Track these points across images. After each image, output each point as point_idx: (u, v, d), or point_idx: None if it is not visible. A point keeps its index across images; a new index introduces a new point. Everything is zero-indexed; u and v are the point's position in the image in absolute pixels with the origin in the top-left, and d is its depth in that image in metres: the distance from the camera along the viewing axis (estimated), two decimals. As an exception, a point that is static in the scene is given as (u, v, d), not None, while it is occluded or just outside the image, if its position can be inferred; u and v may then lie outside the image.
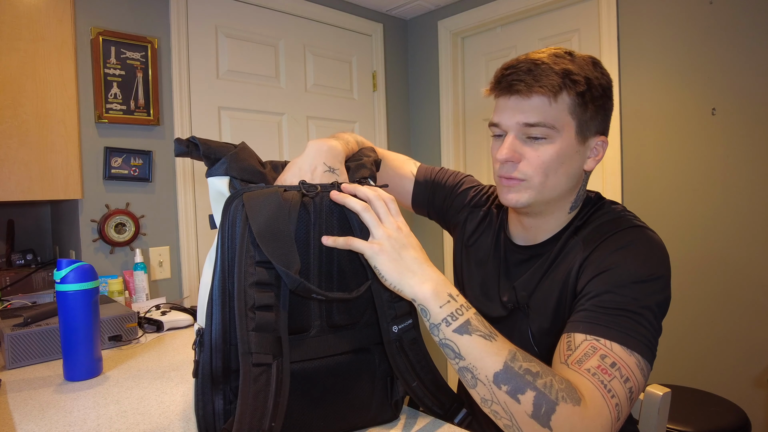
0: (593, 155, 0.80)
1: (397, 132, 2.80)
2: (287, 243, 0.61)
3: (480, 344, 0.60)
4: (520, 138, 0.77)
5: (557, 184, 0.78)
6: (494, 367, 0.59)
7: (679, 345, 1.93)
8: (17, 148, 1.51)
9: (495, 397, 0.59)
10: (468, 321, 0.61)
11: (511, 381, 0.58)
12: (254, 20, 2.22)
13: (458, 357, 0.60)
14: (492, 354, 0.59)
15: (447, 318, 0.61)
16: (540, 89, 0.73)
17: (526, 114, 0.75)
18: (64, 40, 1.60)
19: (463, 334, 0.60)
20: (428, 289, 0.62)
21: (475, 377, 0.60)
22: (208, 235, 2.06)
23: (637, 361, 0.64)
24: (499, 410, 0.59)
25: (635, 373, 0.64)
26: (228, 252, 0.60)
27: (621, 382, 0.62)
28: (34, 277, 1.79)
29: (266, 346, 0.58)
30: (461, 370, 0.61)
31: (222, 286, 0.60)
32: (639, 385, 0.64)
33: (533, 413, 0.57)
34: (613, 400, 0.60)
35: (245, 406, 0.56)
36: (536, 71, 0.74)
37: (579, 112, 0.76)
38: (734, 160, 1.77)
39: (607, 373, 0.62)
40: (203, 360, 0.60)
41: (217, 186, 0.65)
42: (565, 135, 0.76)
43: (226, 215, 0.61)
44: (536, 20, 2.36)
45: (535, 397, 0.57)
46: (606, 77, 0.79)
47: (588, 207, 0.84)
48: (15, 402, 0.82)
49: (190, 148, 0.65)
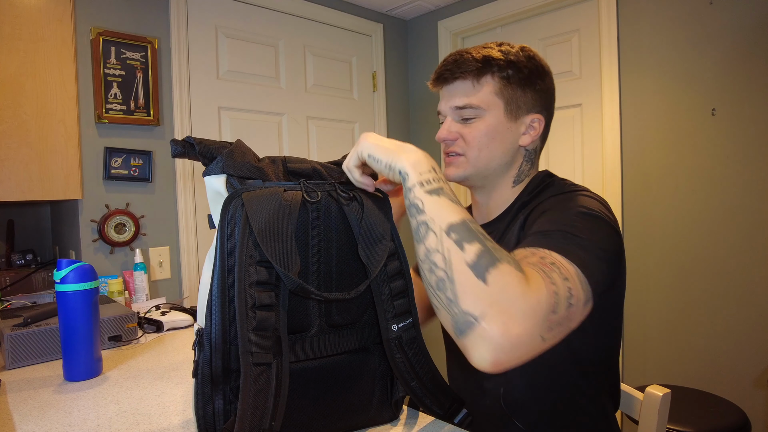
0: (528, 131, 0.88)
1: (397, 132, 2.80)
2: (288, 243, 0.60)
3: (445, 203, 0.60)
4: (457, 120, 0.88)
5: (491, 157, 0.87)
6: (451, 220, 0.58)
7: (679, 345, 1.93)
8: (17, 148, 1.51)
9: (441, 245, 0.56)
10: (441, 188, 0.61)
11: (462, 232, 0.57)
12: (254, 20, 2.22)
13: (420, 212, 0.60)
14: (454, 212, 0.59)
15: (423, 182, 0.61)
16: (461, 75, 0.86)
17: (455, 98, 0.87)
18: (64, 40, 1.60)
19: (432, 195, 0.60)
20: (415, 158, 0.64)
21: (429, 228, 0.58)
22: (208, 235, 2.06)
23: (577, 272, 0.62)
24: (438, 260, 0.56)
25: (575, 279, 0.61)
26: (227, 251, 0.60)
27: (561, 278, 0.59)
28: (34, 277, 1.79)
29: (266, 345, 0.58)
30: (419, 225, 0.60)
31: (221, 285, 0.60)
32: (578, 296, 0.60)
33: (473, 263, 0.54)
34: (552, 287, 0.57)
35: (246, 406, 0.56)
36: (459, 60, 0.86)
37: (506, 92, 0.85)
38: (734, 160, 1.77)
39: (547, 267, 0.60)
40: (203, 360, 0.60)
41: (214, 185, 0.65)
42: (493, 113, 0.85)
43: (225, 214, 0.60)
44: (536, 20, 2.36)
45: (480, 250, 0.55)
46: (534, 61, 0.87)
47: (535, 183, 0.89)
48: (15, 402, 0.82)
49: (187, 148, 0.64)
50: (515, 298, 0.53)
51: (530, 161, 0.91)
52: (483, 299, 0.52)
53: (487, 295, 0.52)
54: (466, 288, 0.53)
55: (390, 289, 0.68)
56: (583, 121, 2.21)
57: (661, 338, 1.98)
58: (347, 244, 0.67)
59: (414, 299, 0.71)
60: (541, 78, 0.88)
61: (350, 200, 0.68)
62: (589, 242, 0.67)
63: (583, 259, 0.64)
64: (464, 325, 0.53)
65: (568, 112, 2.26)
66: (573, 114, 2.25)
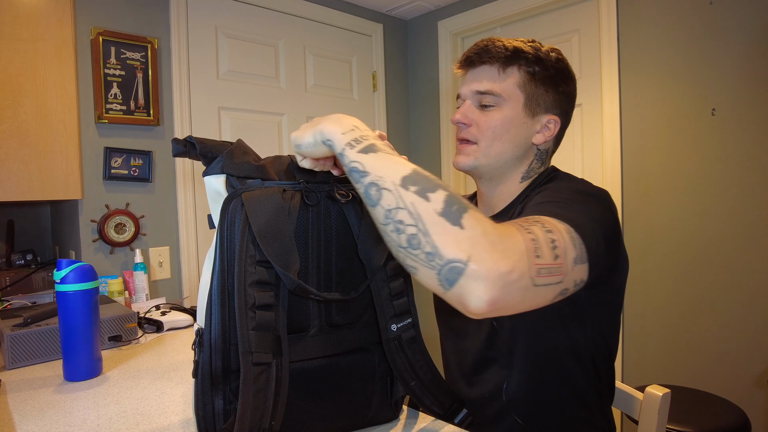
0: (543, 131, 0.88)
1: (397, 132, 2.80)
2: (287, 243, 0.60)
3: (386, 158, 0.56)
4: (475, 106, 0.88)
5: (502, 150, 0.87)
6: (402, 172, 0.54)
7: (679, 345, 1.93)
8: (17, 148, 1.51)
9: (401, 201, 0.52)
10: (373, 144, 0.57)
11: (420, 182, 0.53)
12: (254, 20, 2.22)
13: (363, 175, 0.55)
14: (399, 164, 0.55)
15: (351, 142, 0.57)
16: (489, 59, 0.86)
17: (478, 82, 0.87)
18: (64, 40, 1.60)
19: (368, 153, 0.56)
20: (332, 123, 0.60)
21: (380, 188, 0.53)
22: (208, 235, 2.06)
23: (567, 229, 0.60)
24: (404, 216, 0.52)
25: (562, 233, 0.59)
26: (227, 251, 0.60)
27: (542, 229, 0.57)
28: (34, 277, 1.80)
29: (266, 345, 0.58)
30: (366, 188, 0.55)
31: (221, 285, 0.60)
32: (566, 246, 0.58)
33: (443, 210, 0.51)
34: (529, 235, 0.55)
35: (246, 405, 0.56)
36: (490, 46, 0.86)
37: (529, 87, 0.85)
38: (734, 160, 1.77)
39: (528, 223, 0.58)
40: (203, 360, 0.60)
41: (214, 185, 0.65)
42: (512, 105, 0.85)
43: (224, 214, 0.60)
44: (536, 20, 2.36)
45: (447, 196, 0.52)
46: (562, 63, 0.88)
47: (542, 177, 0.90)
48: (15, 402, 0.82)
49: (188, 148, 0.64)
50: (496, 238, 0.51)
51: (541, 161, 0.91)
52: (465, 243, 0.50)
53: (468, 238, 0.50)
54: (444, 237, 0.50)
55: (389, 288, 0.68)
56: (583, 121, 2.21)
57: (661, 338, 1.98)
58: (347, 244, 0.67)
59: (413, 299, 0.71)
60: (565, 81, 0.89)
61: (350, 200, 0.68)
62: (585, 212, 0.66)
63: (576, 220, 0.62)
64: (452, 273, 0.50)
65: (568, 112, 2.26)
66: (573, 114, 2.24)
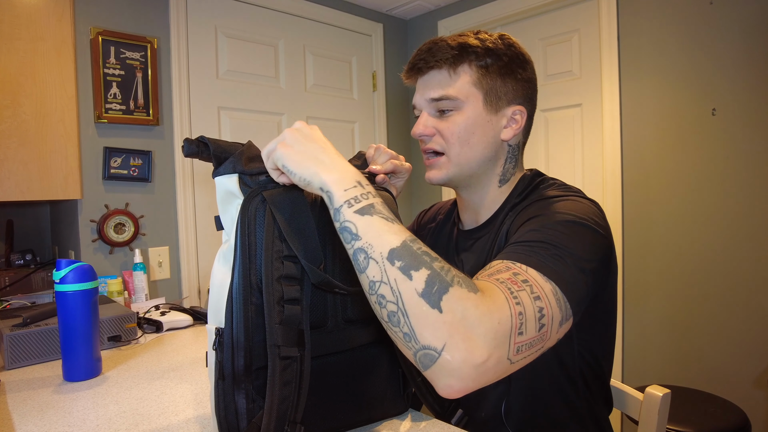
0: (510, 124, 0.82)
1: (396, 132, 2.80)
2: (311, 238, 0.62)
3: (380, 223, 0.54)
4: (433, 114, 0.82)
5: (473, 154, 0.81)
6: (391, 244, 0.53)
7: (679, 345, 1.93)
8: (17, 148, 1.51)
9: (385, 276, 0.52)
10: (372, 205, 0.56)
11: (406, 258, 0.52)
12: (254, 20, 2.22)
13: (355, 238, 0.54)
14: (391, 233, 0.54)
15: (350, 200, 0.56)
16: (436, 63, 0.79)
17: (430, 90, 0.81)
18: (63, 40, 1.60)
19: (364, 215, 0.55)
20: (335, 174, 0.58)
21: (368, 256, 0.53)
22: (208, 235, 2.06)
23: (553, 290, 0.58)
24: (386, 292, 0.52)
25: (549, 298, 0.57)
26: (249, 249, 0.60)
27: (530, 297, 0.55)
28: (33, 277, 1.79)
29: (291, 339, 0.59)
30: (356, 252, 0.54)
31: (243, 283, 0.60)
32: (553, 313, 0.57)
33: (423, 291, 0.50)
34: (517, 307, 0.53)
35: (273, 398, 0.56)
36: (434, 48, 0.80)
37: (485, 82, 0.79)
38: (734, 160, 1.77)
39: (517, 285, 0.56)
40: (225, 359, 0.60)
41: (226, 185, 0.64)
42: (472, 105, 0.80)
43: (245, 213, 0.61)
44: (536, 20, 2.36)
45: (429, 276, 0.51)
46: (513, 48, 0.81)
47: (524, 183, 0.85)
48: (14, 402, 0.82)
49: (201, 148, 0.65)
50: (474, 323, 0.50)
51: (514, 158, 0.86)
52: (441, 329, 0.49)
53: (445, 324, 0.49)
54: (422, 320, 0.50)
55: None
56: (583, 121, 2.21)
57: (661, 338, 1.98)
58: None
59: None
60: (522, 67, 0.82)
61: None
62: (571, 254, 0.63)
63: (562, 274, 0.61)
64: (426, 359, 0.50)
65: (568, 112, 2.26)
66: (573, 114, 2.25)
